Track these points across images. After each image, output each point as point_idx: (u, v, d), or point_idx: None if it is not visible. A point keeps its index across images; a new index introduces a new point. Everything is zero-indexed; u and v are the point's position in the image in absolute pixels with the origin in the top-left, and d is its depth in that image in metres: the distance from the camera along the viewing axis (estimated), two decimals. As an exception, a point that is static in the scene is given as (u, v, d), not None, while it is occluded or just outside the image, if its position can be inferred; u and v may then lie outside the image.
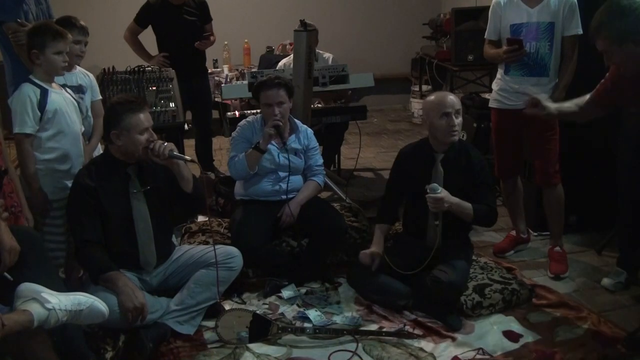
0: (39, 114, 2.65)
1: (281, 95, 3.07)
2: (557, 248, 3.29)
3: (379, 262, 2.86)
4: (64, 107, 2.75)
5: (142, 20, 4.32)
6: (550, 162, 3.18)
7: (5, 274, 2.02)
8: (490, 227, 3.11)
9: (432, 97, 2.86)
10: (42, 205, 2.68)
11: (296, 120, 3.28)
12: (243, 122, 3.26)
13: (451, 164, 2.82)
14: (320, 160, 3.34)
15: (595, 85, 3.39)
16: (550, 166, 3.18)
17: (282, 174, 3.17)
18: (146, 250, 2.62)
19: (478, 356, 2.49)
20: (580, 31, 3.05)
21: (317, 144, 3.34)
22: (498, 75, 3.29)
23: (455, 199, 2.71)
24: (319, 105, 4.46)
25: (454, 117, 2.75)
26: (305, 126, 3.33)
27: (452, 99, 2.80)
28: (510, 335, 2.62)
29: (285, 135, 3.12)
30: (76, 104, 2.86)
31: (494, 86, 3.32)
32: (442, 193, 2.67)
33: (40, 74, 2.69)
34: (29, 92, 2.63)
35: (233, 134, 3.26)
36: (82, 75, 3.08)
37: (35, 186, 2.66)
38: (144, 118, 2.55)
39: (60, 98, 2.74)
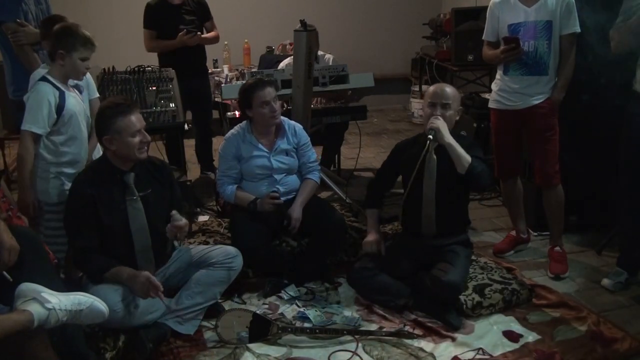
0: (55, 117, 2.63)
1: (273, 92, 3.09)
2: (557, 248, 3.29)
3: (384, 247, 2.96)
4: (78, 112, 2.74)
5: (149, 23, 4.31)
6: (550, 162, 3.17)
7: (5, 273, 2.02)
8: (485, 190, 3.00)
9: (431, 87, 2.93)
10: (32, 206, 2.67)
11: (282, 118, 3.24)
12: (229, 133, 3.22)
13: (445, 151, 2.80)
14: (314, 156, 3.32)
15: (594, 83, 3.40)
16: (550, 166, 3.18)
17: (277, 176, 3.17)
18: (143, 258, 2.60)
19: (478, 356, 2.49)
20: (578, 29, 3.05)
21: (308, 138, 3.31)
22: (497, 76, 3.29)
23: (453, 139, 2.74)
24: (320, 105, 4.46)
25: (439, 107, 2.79)
26: (292, 122, 3.31)
27: (446, 91, 2.83)
28: (510, 335, 2.62)
29: (284, 212, 3.09)
30: (85, 109, 2.86)
31: (494, 87, 3.32)
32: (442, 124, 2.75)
33: (57, 74, 2.66)
34: (48, 93, 2.61)
35: (220, 146, 3.24)
36: None
37: (27, 186, 2.64)
38: (135, 120, 2.49)
39: (75, 102, 2.74)
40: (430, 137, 2.73)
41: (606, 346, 2.53)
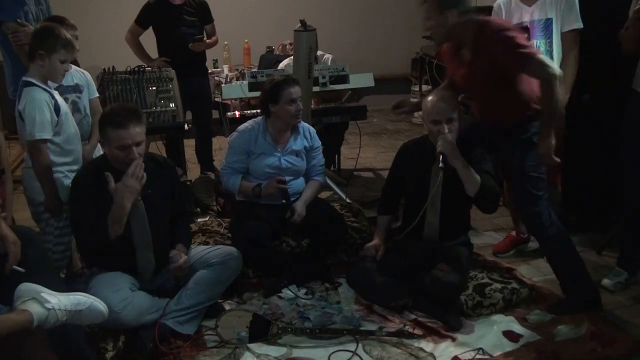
0: (56, 118, 2.63)
1: (300, 92, 3.09)
2: (557, 248, 3.29)
3: (382, 252, 2.93)
4: (67, 109, 2.75)
5: (142, 20, 4.33)
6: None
7: (15, 267, 2.03)
8: (492, 213, 2.97)
9: (428, 99, 2.82)
10: (59, 208, 2.68)
11: None
12: (243, 127, 3.20)
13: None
14: (323, 160, 3.33)
15: (597, 82, 3.38)
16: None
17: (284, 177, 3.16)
18: (144, 258, 2.60)
19: (478, 356, 2.49)
20: (581, 25, 3.01)
21: (320, 143, 3.32)
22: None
23: (464, 161, 2.68)
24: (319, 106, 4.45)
25: (444, 124, 2.72)
26: (306, 124, 3.31)
27: (445, 107, 2.75)
28: (510, 335, 2.62)
29: (289, 198, 3.08)
30: (85, 106, 2.90)
31: (496, 86, 3.31)
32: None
33: (37, 75, 2.64)
34: (43, 97, 2.59)
35: (231, 137, 3.23)
36: (77, 74, 3.05)
37: (53, 190, 2.65)
38: (125, 135, 2.39)
39: (61, 99, 2.74)
40: (442, 165, 2.66)
41: (606, 346, 2.52)
